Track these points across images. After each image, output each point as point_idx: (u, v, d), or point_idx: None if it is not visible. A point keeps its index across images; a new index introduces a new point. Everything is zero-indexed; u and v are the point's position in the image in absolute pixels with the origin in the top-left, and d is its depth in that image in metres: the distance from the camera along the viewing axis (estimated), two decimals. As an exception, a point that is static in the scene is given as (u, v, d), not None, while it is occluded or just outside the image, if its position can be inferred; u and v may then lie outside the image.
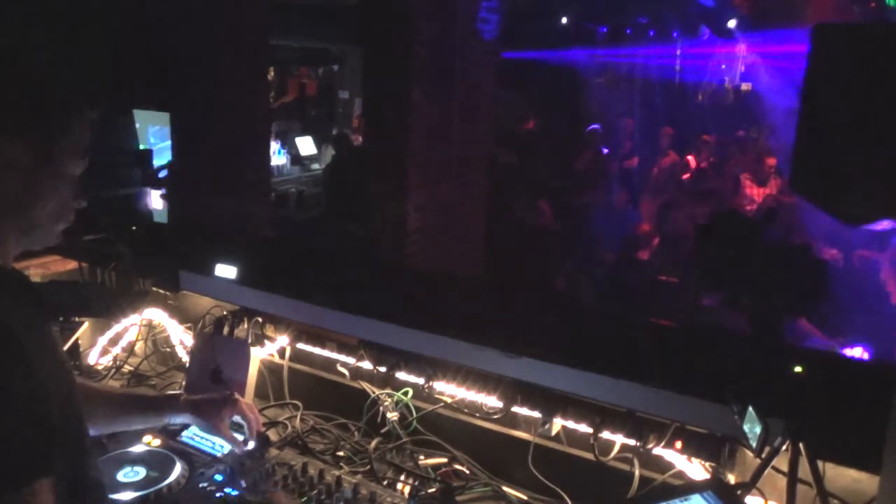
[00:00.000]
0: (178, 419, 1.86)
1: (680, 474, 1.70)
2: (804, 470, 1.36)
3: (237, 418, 1.91)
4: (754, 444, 1.37)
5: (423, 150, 5.66)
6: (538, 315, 2.10)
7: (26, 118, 1.16)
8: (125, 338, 2.52)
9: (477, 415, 1.97)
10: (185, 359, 2.40)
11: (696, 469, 1.67)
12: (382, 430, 2.03)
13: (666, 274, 5.98)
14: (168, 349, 2.51)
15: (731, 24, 9.60)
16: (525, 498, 1.82)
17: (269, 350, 2.28)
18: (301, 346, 2.23)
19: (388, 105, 5.60)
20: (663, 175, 8.72)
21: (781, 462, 1.41)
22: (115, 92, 4.05)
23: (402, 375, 2.04)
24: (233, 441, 1.88)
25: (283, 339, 2.25)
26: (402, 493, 1.79)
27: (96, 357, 2.51)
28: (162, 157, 3.33)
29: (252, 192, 5.41)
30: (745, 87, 10.69)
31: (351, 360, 2.14)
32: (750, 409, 1.39)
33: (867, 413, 1.26)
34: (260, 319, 2.27)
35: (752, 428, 1.38)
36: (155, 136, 3.80)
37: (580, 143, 9.08)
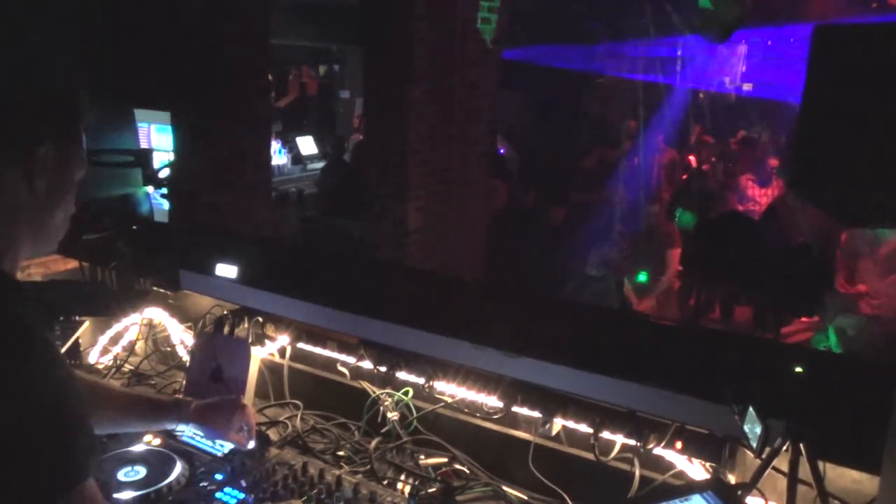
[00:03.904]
0: (186, 426, 1.85)
1: (680, 474, 1.70)
2: (804, 470, 1.35)
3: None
4: (754, 445, 1.37)
5: (423, 149, 5.66)
6: (538, 314, 2.09)
7: (49, 125, 1.12)
8: (126, 337, 2.52)
9: (477, 415, 1.97)
10: (186, 358, 2.40)
11: (697, 469, 1.67)
12: (383, 430, 2.03)
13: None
14: (168, 348, 2.51)
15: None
16: (525, 498, 1.82)
17: (270, 349, 2.28)
18: (301, 345, 2.23)
19: (389, 105, 5.61)
20: (664, 173, 8.70)
21: (782, 462, 1.40)
22: (116, 91, 4.05)
23: (402, 375, 2.04)
24: (239, 443, 1.88)
25: (283, 339, 2.25)
26: (403, 492, 1.79)
27: (97, 356, 2.51)
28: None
29: (253, 191, 5.42)
30: (746, 86, 10.67)
31: (351, 360, 2.14)
32: (750, 409, 1.39)
33: (867, 413, 1.26)
34: (260, 319, 2.27)
35: (753, 428, 1.38)
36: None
37: (582, 143, 9.07)
